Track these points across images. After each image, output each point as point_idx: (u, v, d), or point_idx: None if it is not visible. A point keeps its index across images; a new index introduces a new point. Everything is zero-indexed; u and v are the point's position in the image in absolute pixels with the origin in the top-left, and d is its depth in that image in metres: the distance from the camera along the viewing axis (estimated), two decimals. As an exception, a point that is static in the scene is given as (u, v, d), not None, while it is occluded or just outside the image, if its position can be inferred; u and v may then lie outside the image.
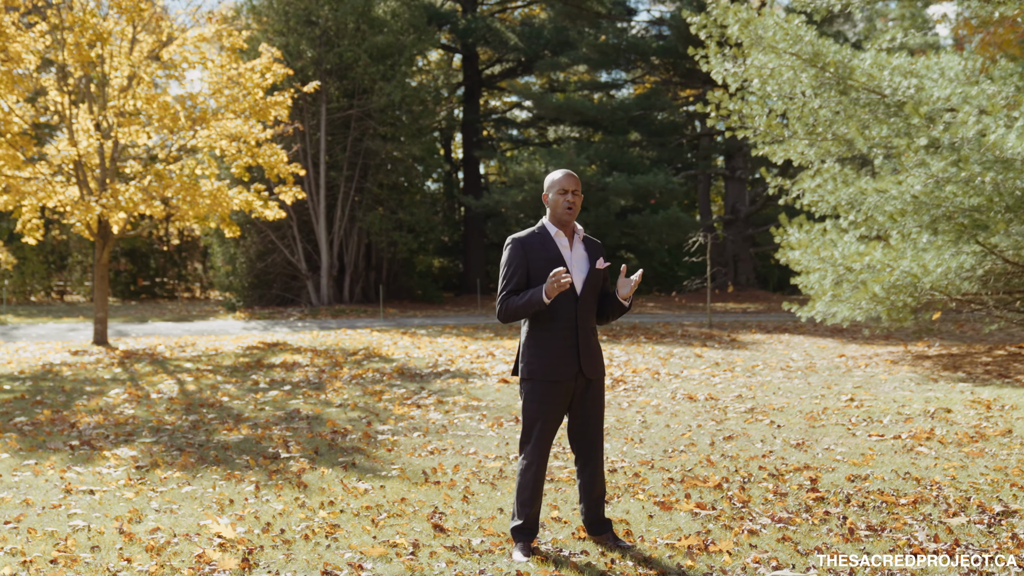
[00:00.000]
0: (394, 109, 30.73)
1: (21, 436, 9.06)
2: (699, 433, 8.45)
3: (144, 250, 46.40)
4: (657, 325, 21.19)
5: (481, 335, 19.20)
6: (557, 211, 5.08)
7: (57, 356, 16.82)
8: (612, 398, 10.64)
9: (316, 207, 31.26)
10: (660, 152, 34.50)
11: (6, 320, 29.07)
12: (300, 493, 6.54)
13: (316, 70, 30.23)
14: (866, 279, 11.73)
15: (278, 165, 18.72)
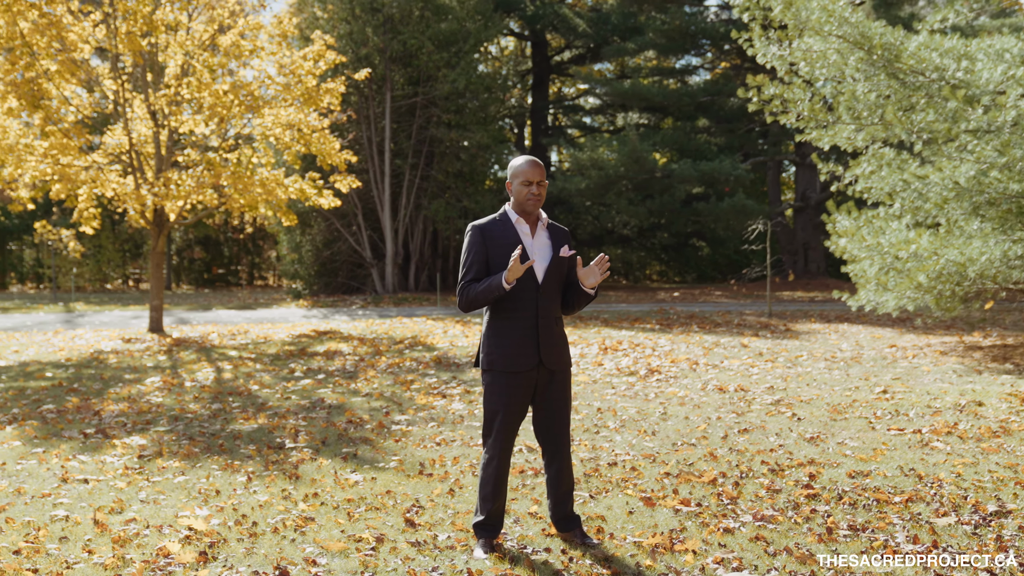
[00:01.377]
0: (459, 96, 30.65)
1: (42, 424, 9.15)
2: (716, 426, 8.16)
3: (218, 239, 47.20)
4: (716, 314, 20.77)
5: (532, 324, 19.02)
6: (523, 203, 4.87)
7: (109, 344, 17.10)
8: (642, 389, 10.39)
9: (381, 195, 31.37)
10: (729, 138, 33.84)
11: (75, 307, 29.77)
12: (290, 484, 6.45)
13: (381, 57, 30.30)
14: (912, 268, 11.27)
15: (330, 153, 18.76)
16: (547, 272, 4.87)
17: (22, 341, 18.17)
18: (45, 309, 29.49)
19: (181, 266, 47.95)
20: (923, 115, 11.01)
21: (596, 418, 8.70)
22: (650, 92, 32.17)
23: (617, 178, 29.94)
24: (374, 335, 17.28)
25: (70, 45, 16.96)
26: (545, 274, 4.86)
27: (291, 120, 18.34)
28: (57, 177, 17.28)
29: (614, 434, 7.94)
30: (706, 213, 30.59)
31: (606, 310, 22.92)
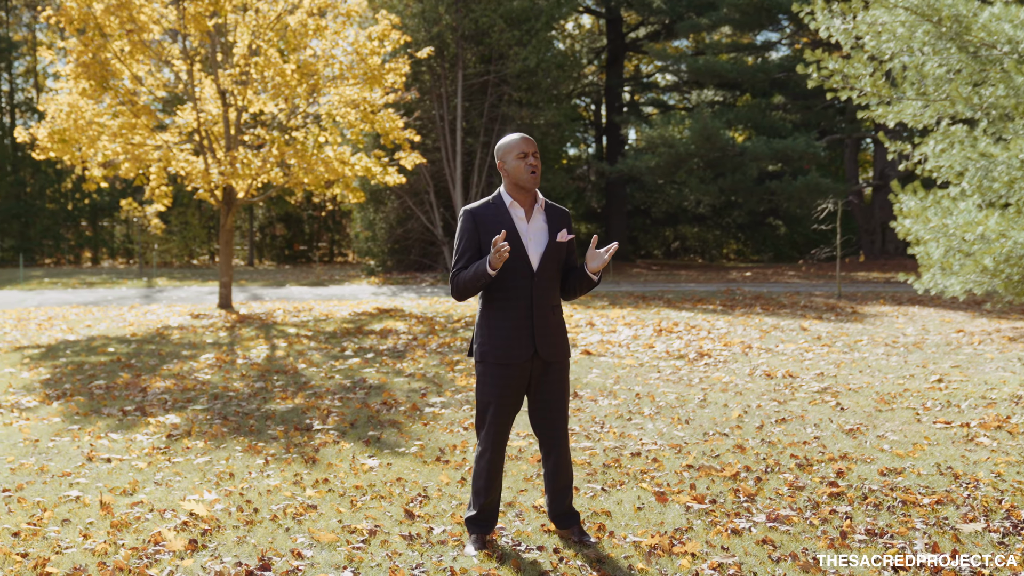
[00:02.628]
0: (530, 75, 30.40)
1: (88, 400, 9.29)
2: (753, 415, 7.90)
3: (299, 216, 47.75)
4: (783, 295, 20.29)
5: (596, 304, 18.80)
6: (519, 177, 4.63)
7: (177, 319, 17.37)
8: (688, 373, 10.13)
9: (453, 173, 31.33)
10: (805, 115, 32.97)
11: (156, 283, 30.41)
12: (305, 469, 6.40)
13: (453, 36, 30.18)
14: (978, 250, 10.76)
15: (394, 131, 18.74)
16: (543, 257, 4.65)
17: (97, 316, 18.58)
18: (128, 284, 30.19)
19: (263, 243, 48.67)
20: (992, 90, 10.49)
21: (633, 404, 8.49)
22: (723, 68, 31.49)
23: (688, 156, 29.42)
24: (434, 314, 17.25)
25: (141, 26, 17.17)
26: (541, 260, 4.65)
27: (355, 99, 18.36)
28: (127, 156, 17.54)
29: (647, 421, 7.73)
30: (779, 191, 29.88)
31: (671, 290, 22.58)
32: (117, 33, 17.15)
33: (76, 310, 19.96)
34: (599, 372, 10.30)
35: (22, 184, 44.00)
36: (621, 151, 38.60)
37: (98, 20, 16.79)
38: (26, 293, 26.64)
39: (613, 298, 20.23)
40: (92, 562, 4.60)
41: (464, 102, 31.45)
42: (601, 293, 22.07)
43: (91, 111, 17.36)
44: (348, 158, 18.84)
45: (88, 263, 46.99)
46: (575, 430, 7.43)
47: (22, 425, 8.11)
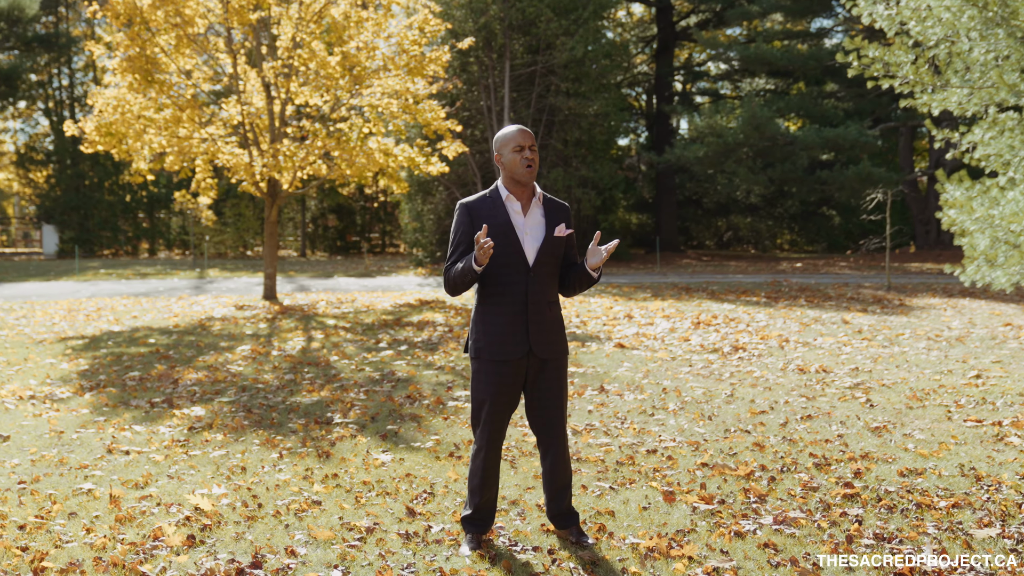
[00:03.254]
0: (578, 64, 30.22)
1: (120, 391, 9.38)
2: (780, 411, 7.73)
3: (351, 207, 48.05)
4: (831, 287, 19.95)
5: (638, 295, 18.64)
6: (515, 171, 4.54)
7: (222, 310, 17.55)
8: (719, 367, 9.97)
9: (500, 164, 31.27)
10: (858, 103, 32.35)
11: (208, 274, 30.77)
12: (317, 463, 6.38)
13: (500, 25, 30.10)
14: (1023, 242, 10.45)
15: (435, 121, 18.71)
16: (540, 252, 4.55)
17: (144, 307, 18.84)
18: (180, 275, 30.60)
19: (316, 234, 49.05)
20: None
21: (658, 399, 8.37)
22: (773, 56, 31.01)
23: (736, 145, 29.05)
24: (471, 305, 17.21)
25: (187, 20, 17.32)
26: (537, 254, 4.55)
27: (397, 90, 18.36)
28: (173, 150, 17.72)
29: (669, 417, 7.61)
30: (830, 181, 29.38)
31: (717, 281, 22.31)
32: (163, 27, 17.31)
33: (125, 301, 20.25)
34: (630, 366, 10.18)
35: (81, 177, 44.79)
36: (670, 141, 38.27)
37: (144, 14, 16.96)
38: (81, 284, 27.12)
39: (656, 290, 20.04)
40: (89, 557, 4.61)
41: (511, 92, 31.36)
42: (645, 284, 21.89)
43: (138, 105, 17.56)
44: (391, 149, 18.88)
45: (145, 254, 47.74)
46: (595, 425, 7.33)
47: (51, 416, 8.21)
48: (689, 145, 30.45)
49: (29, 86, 46.67)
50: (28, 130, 51.95)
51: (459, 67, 31.37)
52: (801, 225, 42.50)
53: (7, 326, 15.70)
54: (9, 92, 44.48)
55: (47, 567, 4.45)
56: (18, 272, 33.07)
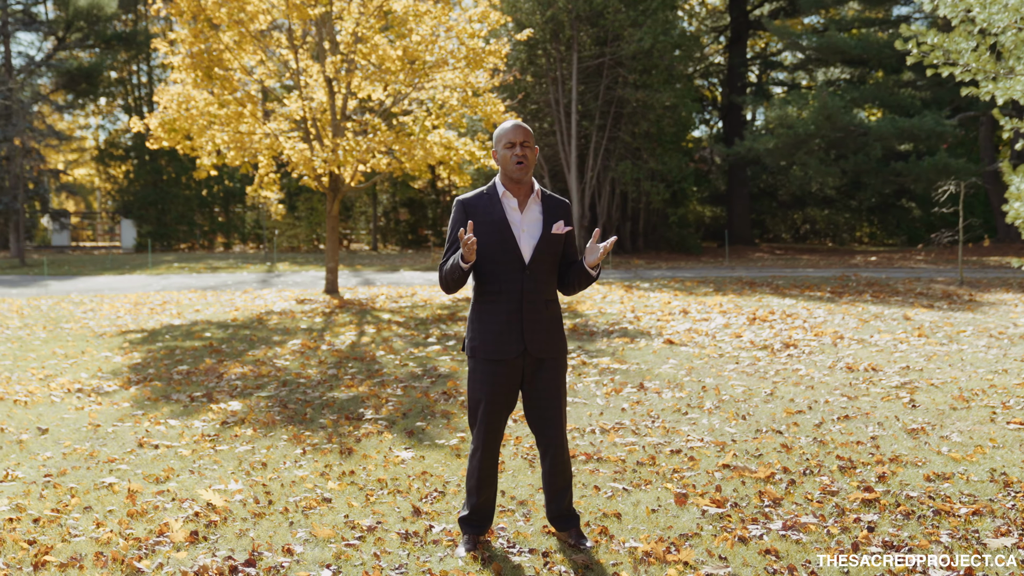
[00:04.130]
0: (646, 56, 29.92)
1: (166, 385, 9.51)
2: (817, 411, 7.51)
3: (423, 201, 48.32)
4: (901, 281, 19.43)
5: (700, 290, 18.37)
6: (507, 169, 4.46)
7: (282, 304, 17.75)
8: (766, 365, 9.74)
9: (567, 157, 31.14)
10: (936, 92, 31.43)
11: (277, 268, 31.20)
12: (338, 460, 6.37)
13: (568, 17, 29.94)
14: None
15: (494, 114, 18.66)
16: (536, 250, 4.45)
17: (208, 300, 19.16)
18: (250, 269, 31.08)
19: (387, 227, 49.42)
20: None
21: (696, 397, 8.20)
22: (847, 44, 30.30)
23: (808, 136, 28.46)
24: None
25: (250, 16, 17.51)
26: (534, 252, 4.45)
27: (456, 83, 18.35)
28: (234, 145, 17.95)
29: (703, 416, 7.44)
30: (906, 173, 28.61)
31: (784, 275, 21.90)
32: (226, 24, 17.53)
33: (191, 295, 20.62)
34: (675, 363, 10.01)
35: (159, 172, 45.77)
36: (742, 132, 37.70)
37: (207, 11, 17.20)
38: (153, 278, 27.71)
39: (720, 284, 19.74)
40: (92, 551, 4.65)
41: (579, 85, 31.18)
42: (710, 279, 21.58)
43: (203, 101, 17.82)
44: (453, 142, 18.88)
45: (220, 248, 48.61)
46: (624, 424, 7.21)
47: (92, 410, 8.35)
48: (759, 137, 29.95)
49: (109, 83, 47.83)
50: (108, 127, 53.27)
51: (526, 60, 31.28)
52: (880, 218, 41.53)
53: (74, 319, 16.08)
54: (90, 89, 45.64)
55: (49, 561, 4.50)
56: (95, 266, 33.93)
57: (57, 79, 44.98)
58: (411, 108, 20.16)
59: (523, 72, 31.34)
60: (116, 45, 45.12)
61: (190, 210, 46.44)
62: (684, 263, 28.82)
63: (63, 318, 16.31)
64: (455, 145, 18.94)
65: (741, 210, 38.44)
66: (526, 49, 31.05)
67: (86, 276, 29.28)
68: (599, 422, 7.32)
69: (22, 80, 41.06)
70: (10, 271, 32.83)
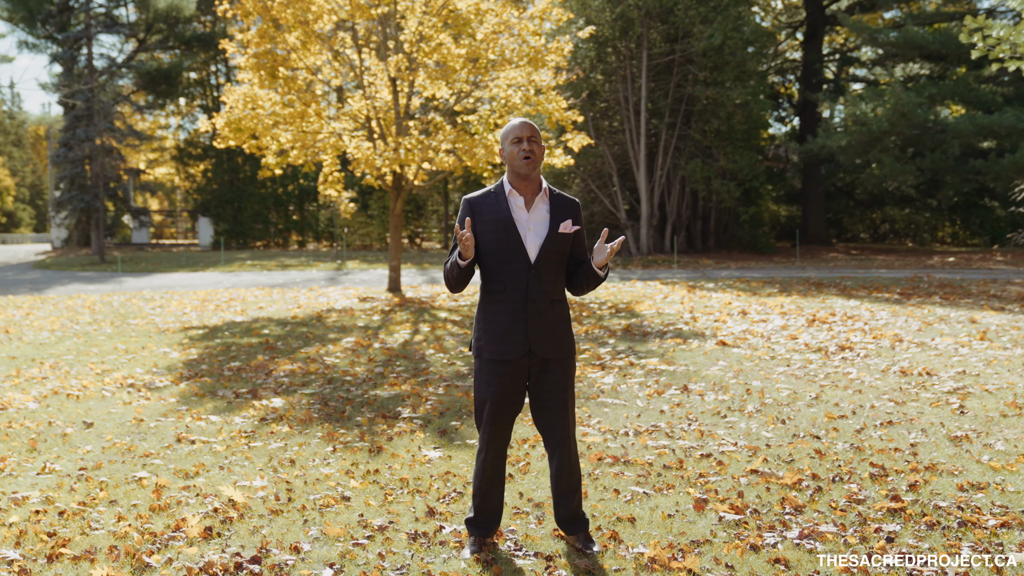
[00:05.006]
0: (716, 52, 29.54)
1: (215, 381, 9.65)
2: (861, 416, 7.30)
3: (493, 199, 48.34)
4: (975, 283, 18.87)
5: (764, 291, 18.08)
6: (514, 165, 4.40)
7: (344, 302, 17.92)
8: (818, 368, 9.51)
9: (636, 156, 30.92)
10: (1020, 88, 30.43)
11: (346, 265, 31.51)
12: (365, 458, 6.37)
13: (638, 14, 29.71)
14: None
15: (556, 112, 18.59)
16: (542, 249, 4.38)
17: (273, 298, 19.44)
18: (320, 267, 31.46)
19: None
20: None
21: (739, 400, 8.05)
22: (925, 40, 29.54)
23: (882, 134, 27.79)
24: (591, 298, 17.04)
25: (315, 16, 17.70)
26: (540, 251, 4.39)
27: (519, 81, 18.32)
28: (297, 144, 18.15)
29: (742, 420, 7.29)
30: (985, 171, 27.76)
31: (854, 276, 21.43)
32: (292, 24, 17.73)
33: (258, 292, 20.93)
34: (724, 364, 9.84)
35: (236, 171, 46.59)
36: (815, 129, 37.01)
37: (273, 12, 17.42)
38: (224, 275, 28.22)
39: (786, 284, 19.40)
40: (106, 545, 4.71)
41: (649, 82, 30.93)
42: (777, 279, 21.22)
43: (269, 101, 18.06)
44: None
45: (295, 246, 49.32)
46: (659, 427, 7.10)
47: (139, 405, 8.50)
48: (831, 134, 29.35)
49: (188, 84, 48.83)
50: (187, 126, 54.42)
51: (596, 58, 31.13)
52: (962, 217, 40.40)
53: (141, 315, 16.43)
54: (169, 90, 46.65)
55: (63, 553, 4.57)
56: (171, 263, 34.68)
57: (138, 80, 46.05)
58: (475, 107, 20.19)
59: (592, 70, 31.19)
60: (195, 46, 46.05)
61: (265, 208, 47.19)
62: (754, 263, 28.39)
63: (131, 314, 16.68)
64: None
65: (816, 209, 37.76)
66: (595, 47, 30.88)
67: (161, 273, 29.94)
68: (634, 424, 7.22)
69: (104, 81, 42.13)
70: (90, 267, 33.73)
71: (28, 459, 6.57)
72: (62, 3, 42.80)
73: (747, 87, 29.99)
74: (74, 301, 19.69)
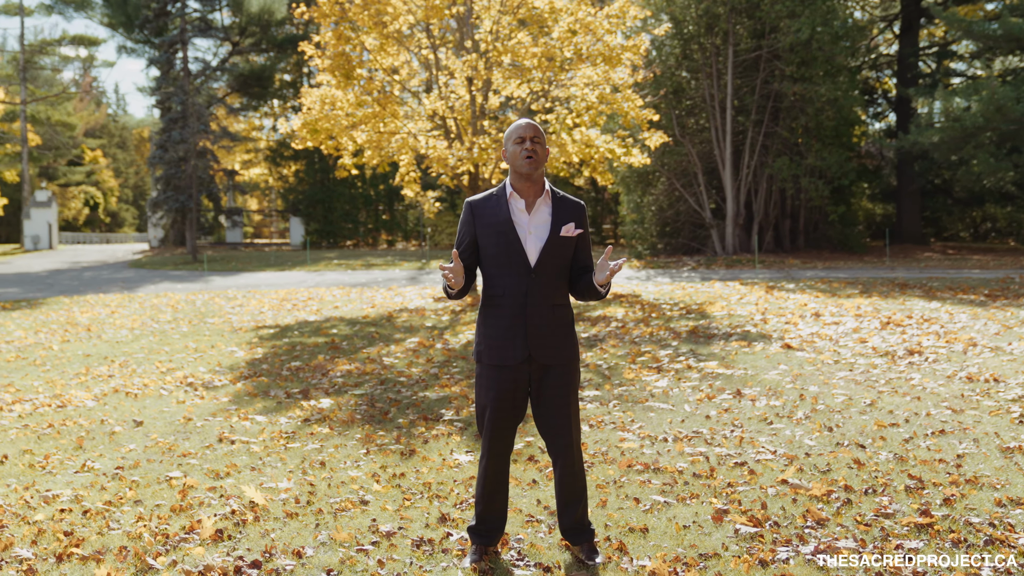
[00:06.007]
0: (804, 47, 28.88)
1: (272, 381, 9.76)
2: (914, 424, 6.99)
3: (582, 198, 48.21)
4: (1070, 285, 18.08)
5: (845, 292, 17.59)
6: (516, 164, 4.30)
7: (418, 302, 18.02)
8: (881, 373, 9.17)
9: (722, 154, 30.45)
10: None
11: (429, 265, 31.70)
12: (396, 461, 6.35)
13: (723, 9, 29.23)
14: None
15: (631, 111, 18.38)
16: (543, 253, 4.28)
17: (351, 297, 19.66)
18: (404, 266, 31.73)
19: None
20: None
21: (790, 406, 7.80)
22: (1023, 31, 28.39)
23: (976, 129, 26.81)
24: (665, 300, 16.81)
25: (391, 18, 17.82)
26: (540, 255, 4.28)
27: (595, 79, 18.17)
28: (372, 144, 18.30)
29: (788, 427, 7.06)
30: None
31: (942, 277, 20.71)
32: (369, 26, 17.88)
33: (336, 291, 21.20)
34: (784, 368, 9.58)
35: (326, 171, 47.30)
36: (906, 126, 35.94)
37: (350, 15, 17.60)
38: (309, 274, 28.65)
39: (869, 285, 18.85)
40: (118, 545, 4.75)
41: (735, 79, 30.42)
42: (861, 279, 20.64)
43: (346, 102, 18.25)
44: (593, 140, 18.70)
45: (384, 245, 49.88)
46: (700, 433, 6.92)
47: (192, 404, 8.64)
48: (923, 130, 28.45)
49: (281, 85, 49.74)
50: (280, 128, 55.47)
51: (681, 54, 30.74)
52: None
53: (220, 314, 16.76)
54: (262, 92, 47.58)
55: (74, 553, 4.63)
56: (260, 262, 35.36)
57: (231, 83, 47.10)
58: (552, 106, 20.09)
59: (677, 67, 30.81)
60: (288, 48, 46.90)
61: (355, 208, 47.83)
62: (843, 263, 27.67)
63: (210, 313, 17.03)
64: (595, 143, 18.75)
65: (911, 207, 36.68)
66: (680, 43, 30.49)
67: (248, 272, 30.56)
68: (675, 430, 7.05)
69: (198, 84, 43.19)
70: (182, 267, 34.62)
71: (71, 457, 6.71)
72: (159, 8, 43.99)
73: (836, 82, 29.24)
74: (160, 300, 20.20)
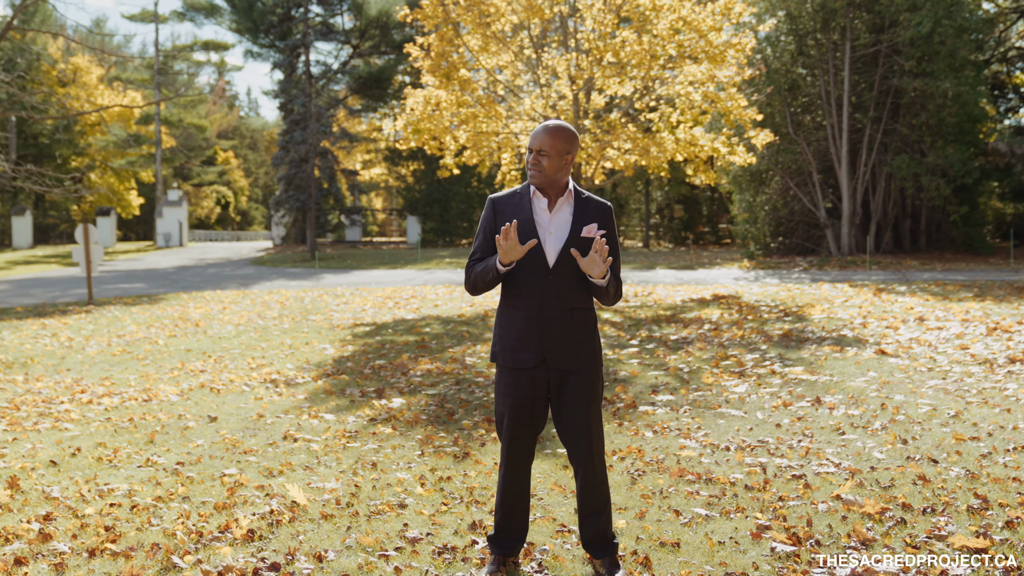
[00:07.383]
0: (925, 41, 27.79)
1: (352, 379, 9.85)
2: (997, 438, 6.59)
3: (697, 197, 47.57)
4: None
5: (958, 295, 16.85)
6: (527, 171, 4.24)
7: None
8: (976, 382, 8.70)
9: (838, 152, 29.59)
10: None
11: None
12: (448, 464, 6.30)
13: (841, 3, 28.39)
14: None
15: (735, 110, 17.98)
16: (561, 253, 4.15)
17: (453, 295, 19.87)
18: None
19: (661, 224, 49.04)
20: None
21: (869, 416, 7.47)
22: None
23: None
24: (766, 302, 16.39)
25: (493, 18, 17.85)
26: (559, 256, 4.15)
27: (700, 78, 17.84)
28: (472, 144, 18.36)
29: (860, 438, 6.75)
30: None
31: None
32: (472, 27, 17.95)
33: (441, 289, 21.38)
34: (873, 375, 9.19)
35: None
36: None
37: (453, 17, 17.70)
38: (419, 272, 28.98)
39: (985, 289, 18.02)
40: (151, 542, 4.82)
41: (852, 75, 29.50)
42: (979, 282, 19.76)
43: (448, 102, 18.35)
44: (697, 139, 18.37)
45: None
46: (766, 442, 6.67)
47: (268, 400, 8.78)
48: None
49: (400, 86, 50.44)
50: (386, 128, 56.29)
51: (796, 51, 29.98)
52: None
53: (324, 311, 17.07)
54: (381, 93, 48.34)
55: (107, 548, 4.72)
56: (374, 260, 35.94)
57: (351, 84, 47.98)
58: (656, 105, 19.81)
59: (792, 63, 30.05)
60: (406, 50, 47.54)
61: (470, 207, 48.18)
62: (964, 264, 26.55)
63: (315, 310, 17.35)
64: (700, 142, 18.40)
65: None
66: (795, 39, 29.73)
67: (361, 270, 31.07)
68: (740, 438, 6.82)
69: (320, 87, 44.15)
70: (300, 264, 35.44)
71: (140, 451, 6.88)
72: (283, 14, 45.10)
73: (961, 77, 28.05)
74: (270, 296, 20.70)
